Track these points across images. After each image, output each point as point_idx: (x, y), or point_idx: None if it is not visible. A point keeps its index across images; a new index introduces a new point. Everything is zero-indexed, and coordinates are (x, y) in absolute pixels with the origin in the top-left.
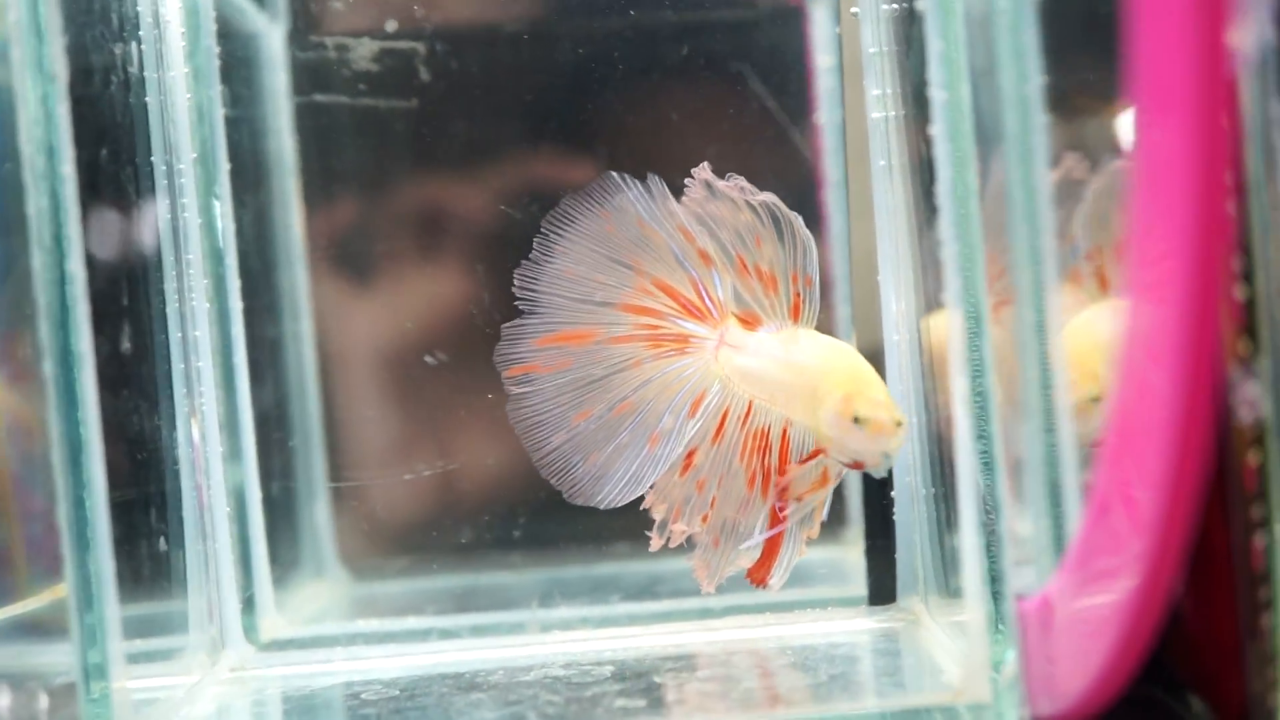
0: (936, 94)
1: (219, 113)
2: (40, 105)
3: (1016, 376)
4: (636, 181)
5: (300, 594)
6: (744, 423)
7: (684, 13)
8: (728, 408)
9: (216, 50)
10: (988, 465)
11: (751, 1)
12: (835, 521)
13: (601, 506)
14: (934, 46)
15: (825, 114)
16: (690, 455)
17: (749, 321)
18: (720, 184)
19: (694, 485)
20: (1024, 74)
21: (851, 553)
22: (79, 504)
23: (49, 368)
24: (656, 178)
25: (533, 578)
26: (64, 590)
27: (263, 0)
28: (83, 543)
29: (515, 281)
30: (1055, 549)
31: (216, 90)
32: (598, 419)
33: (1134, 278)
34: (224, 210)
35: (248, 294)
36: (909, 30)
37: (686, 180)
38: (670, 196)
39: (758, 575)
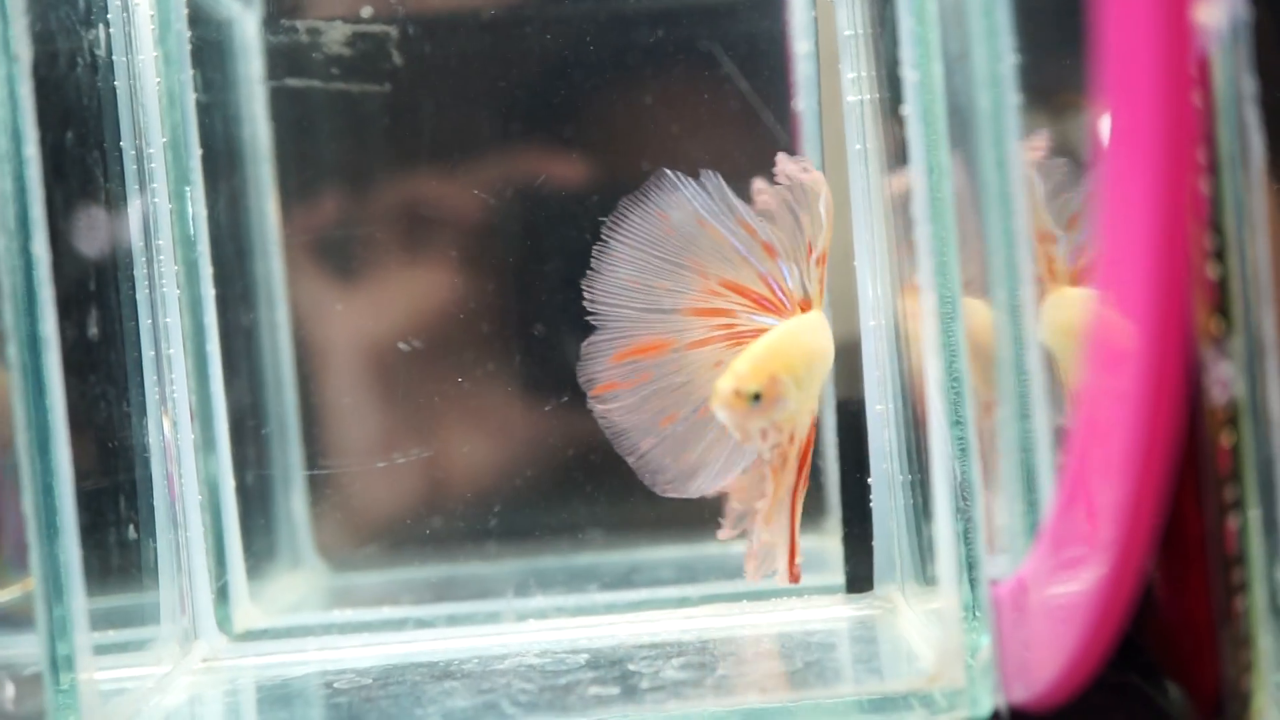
0: (909, 74)
1: (190, 98)
2: (3, 86)
3: (989, 361)
4: (691, 180)
5: (276, 585)
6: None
7: None
8: None
9: (188, 35)
10: (962, 451)
11: None
12: (813, 509)
13: (694, 496)
14: (906, 26)
15: (803, 101)
16: None
17: (805, 307)
18: (791, 169)
19: (762, 475)
20: (996, 53)
21: (829, 541)
22: (45, 492)
23: (13, 352)
24: (713, 174)
25: (510, 568)
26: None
27: None
28: (49, 532)
29: (585, 294)
30: (1029, 535)
31: (188, 75)
32: (684, 421)
33: (1102, 260)
34: (195, 196)
35: (221, 281)
36: (883, 11)
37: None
38: (728, 190)
39: (793, 572)
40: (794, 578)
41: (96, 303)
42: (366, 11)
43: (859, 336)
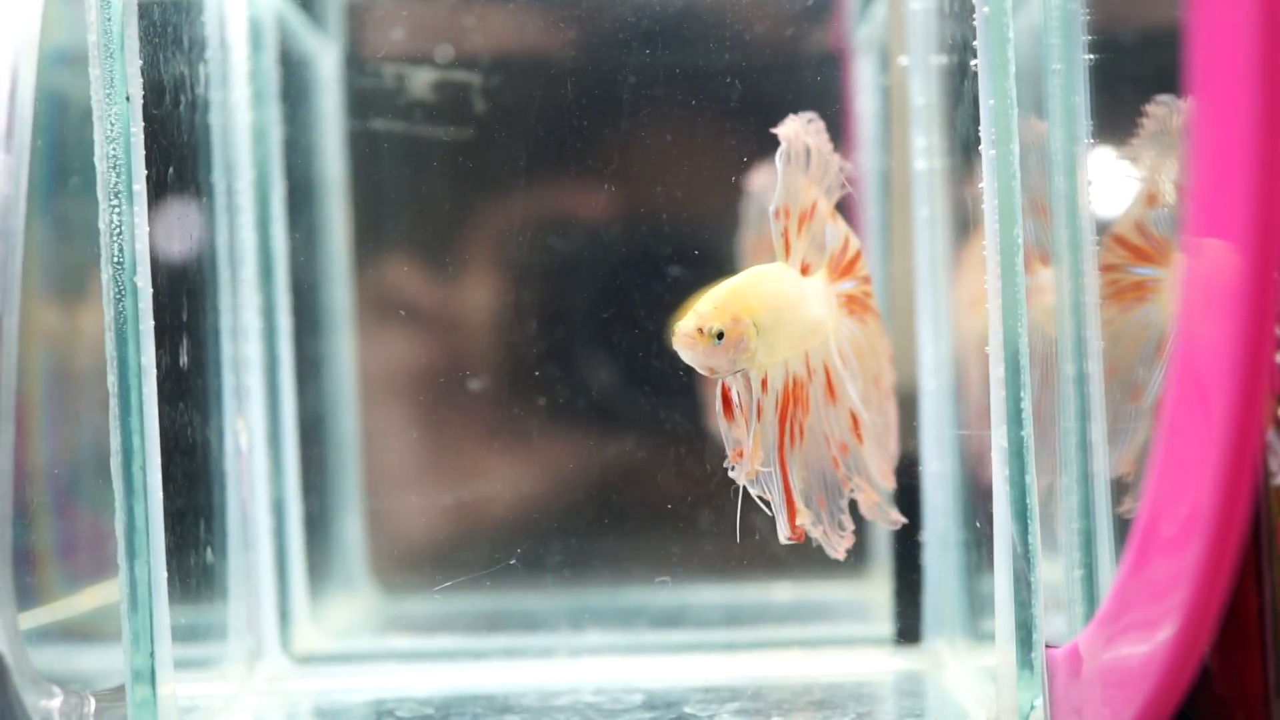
0: (987, 152)
1: (276, 134)
2: (116, 125)
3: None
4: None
5: (332, 607)
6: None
7: (728, 53)
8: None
9: (277, 73)
10: (1022, 515)
11: (793, 47)
12: (860, 558)
13: None
14: (986, 104)
15: (865, 159)
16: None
17: (806, 268)
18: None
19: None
20: (1073, 135)
21: (874, 590)
22: (136, 512)
23: (113, 380)
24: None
25: (558, 602)
26: (99, 595)
27: (318, 22)
28: (138, 550)
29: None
30: (1087, 597)
31: (275, 111)
32: None
33: (1183, 340)
34: (277, 230)
35: (296, 313)
36: (960, 85)
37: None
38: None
39: (795, 531)
40: (797, 537)
41: (188, 332)
42: (444, 55)
43: (917, 395)
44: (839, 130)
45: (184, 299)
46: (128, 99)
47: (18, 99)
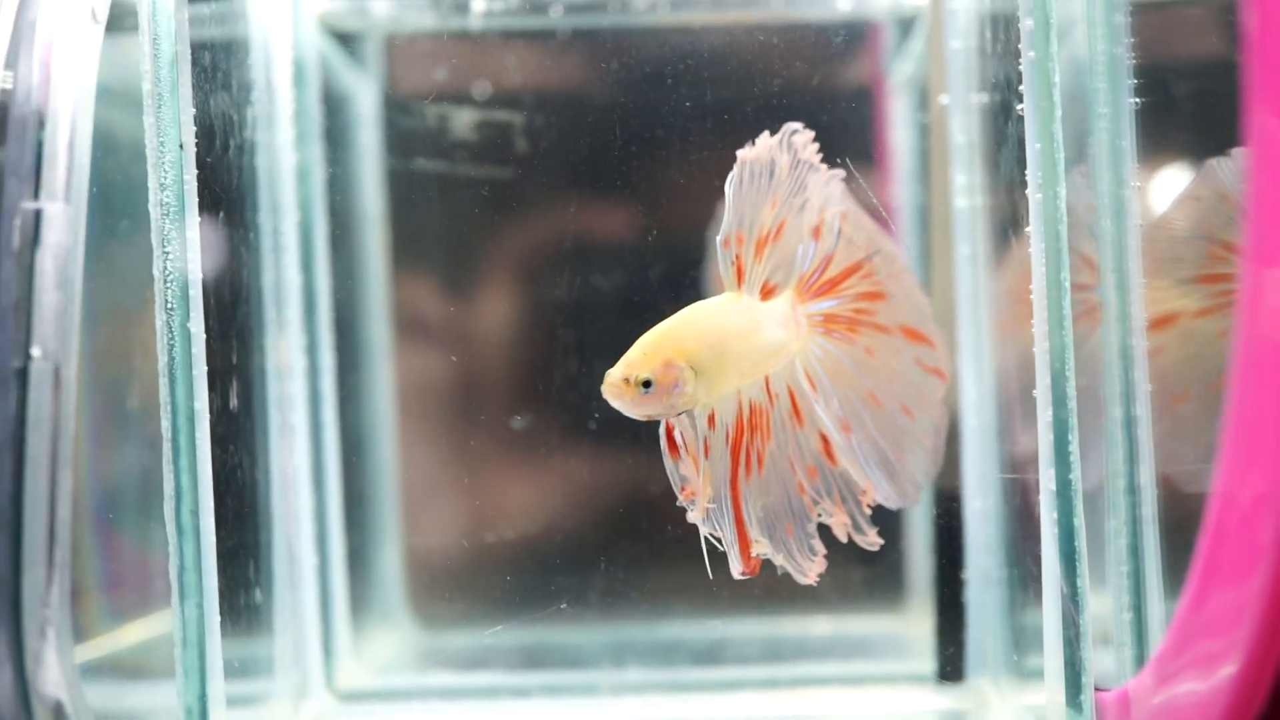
0: (1033, 195)
1: (319, 173)
2: (170, 172)
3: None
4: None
5: (372, 642)
6: None
7: (764, 89)
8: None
9: (320, 113)
10: (1070, 557)
11: (827, 82)
12: (899, 593)
13: None
14: (1032, 147)
15: (901, 194)
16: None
17: (767, 291)
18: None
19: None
20: (1120, 179)
21: (915, 627)
22: (189, 553)
23: (167, 424)
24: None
25: (596, 637)
26: (142, 630)
27: (357, 59)
28: (191, 590)
29: None
30: (1136, 640)
31: (317, 151)
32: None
33: (1241, 364)
34: (320, 269)
35: (339, 350)
36: (1003, 125)
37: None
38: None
39: (748, 565)
40: (751, 570)
41: (237, 374)
42: (482, 92)
43: (959, 432)
44: (872, 164)
45: (234, 341)
46: (181, 147)
47: (76, 148)
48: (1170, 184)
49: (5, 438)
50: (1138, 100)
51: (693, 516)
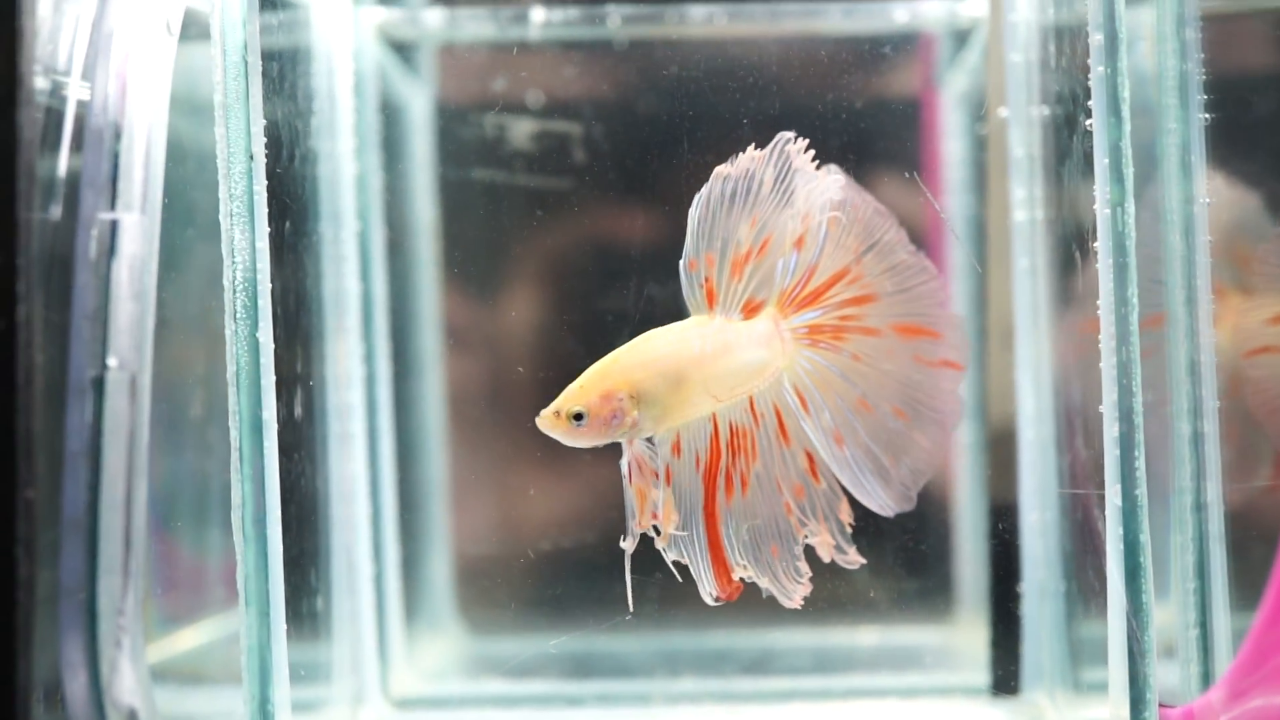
0: (1100, 210)
1: (376, 182)
2: (240, 183)
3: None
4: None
5: (422, 649)
6: None
7: (819, 99)
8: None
9: (376, 121)
10: (1135, 573)
11: (878, 93)
12: (952, 606)
13: None
14: (1100, 163)
15: (955, 204)
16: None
17: (751, 309)
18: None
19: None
20: (1189, 195)
21: (961, 638)
22: (257, 561)
23: (235, 433)
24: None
25: (654, 646)
26: (197, 635)
27: (411, 68)
28: (258, 597)
29: None
30: (1203, 657)
31: (375, 160)
32: None
33: None
34: (379, 276)
35: (395, 358)
36: (1067, 139)
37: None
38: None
39: (725, 590)
40: (728, 596)
41: (301, 383)
42: (536, 101)
43: (1016, 445)
44: (922, 175)
45: (297, 349)
46: (251, 157)
47: (151, 159)
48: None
49: (82, 446)
50: (1207, 116)
51: (658, 541)
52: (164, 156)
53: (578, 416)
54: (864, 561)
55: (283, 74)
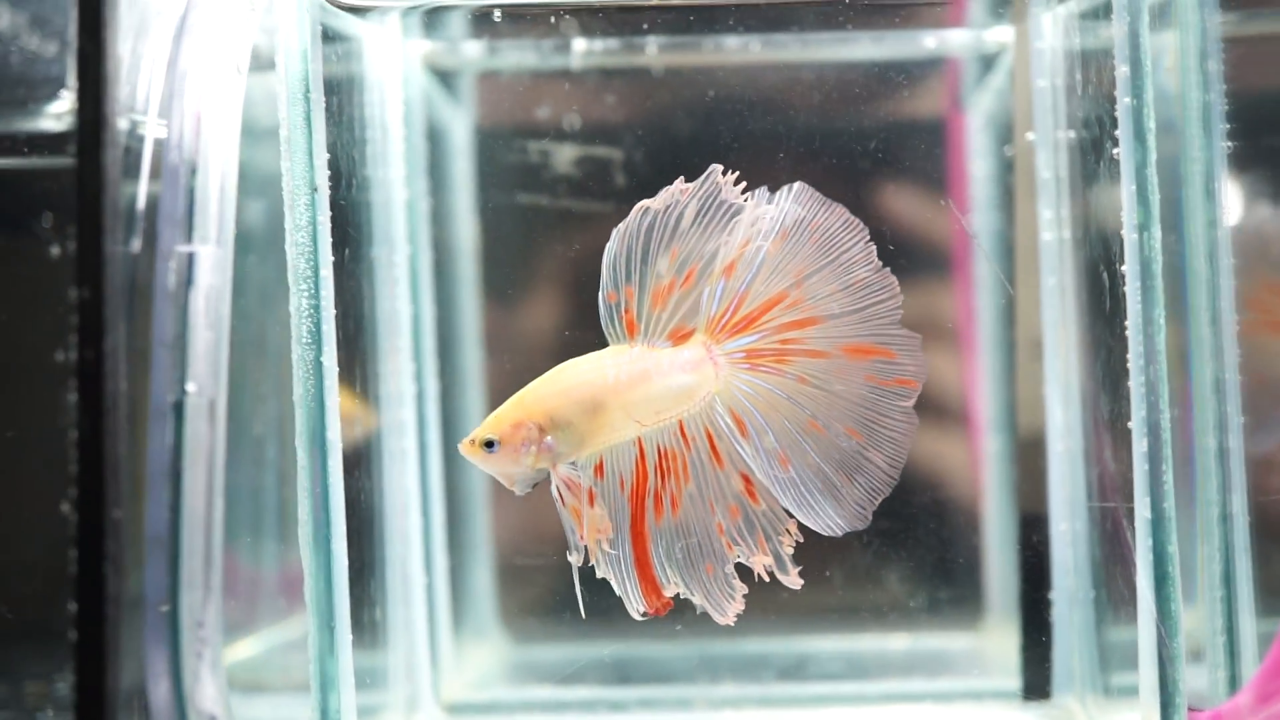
0: (1128, 235)
1: (423, 206)
2: (305, 214)
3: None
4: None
5: (466, 656)
6: None
7: (849, 120)
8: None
9: (424, 147)
10: (1164, 583)
11: (904, 113)
12: (974, 610)
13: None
14: (1127, 189)
15: (981, 222)
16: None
17: (678, 336)
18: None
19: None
20: (1214, 220)
21: (991, 643)
22: (323, 576)
23: (302, 453)
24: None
25: (691, 651)
26: (253, 645)
27: (453, 93)
28: (325, 609)
29: None
30: (1229, 663)
31: (422, 185)
32: None
33: None
34: (425, 299)
35: (442, 375)
36: (1094, 163)
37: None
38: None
39: (652, 606)
40: (656, 611)
41: (362, 404)
42: (572, 124)
43: (1045, 457)
44: (948, 195)
45: (356, 370)
46: (315, 189)
47: (225, 193)
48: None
49: (164, 468)
50: (1230, 144)
51: (597, 558)
52: (235, 191)
53: (489, 444)
54: (802, 583)
55: (340, 105)
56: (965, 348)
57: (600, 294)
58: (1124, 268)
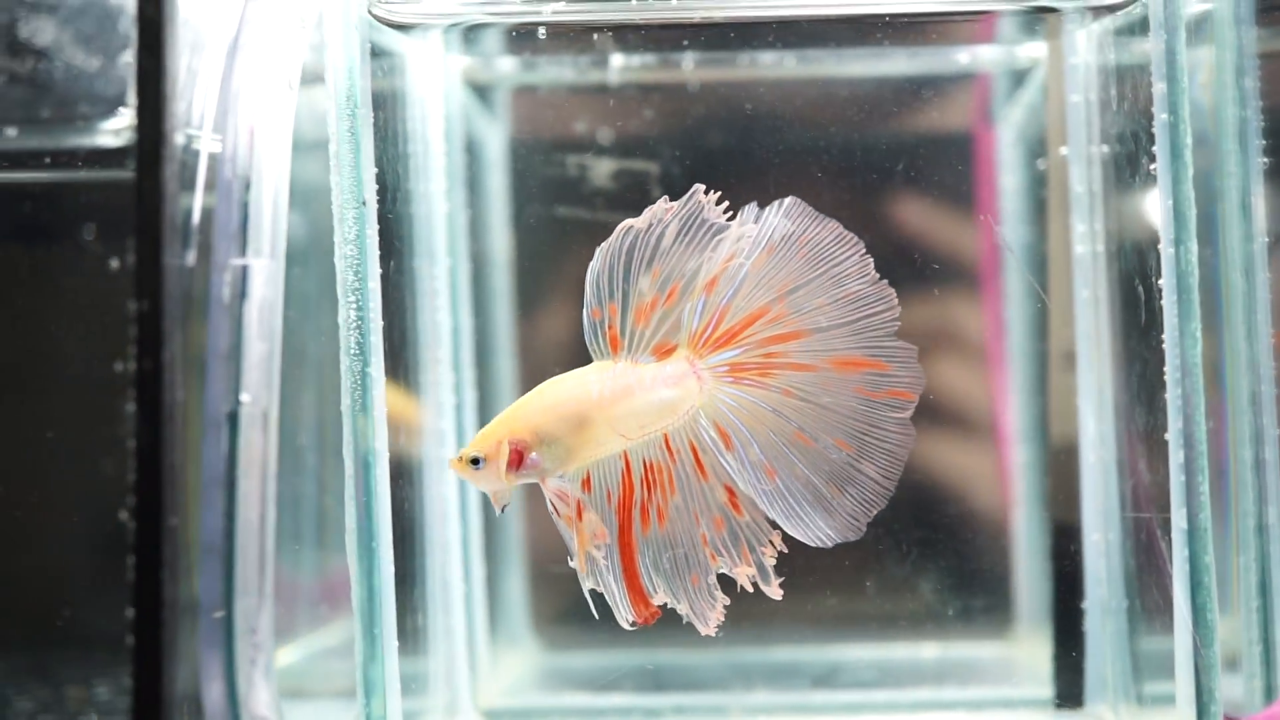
0: (1165, 249)
1: (462, 220)
2: (353, 228)
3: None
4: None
5: (502, 663)
6: None
7: (880, 132)
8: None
9: (462, 160)
10: (1201, 594)
11: (933, 127)
12: (1004, 619)
13: None
14: (1164, 203)
15: (1013, 234)
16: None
17: (662, 351)
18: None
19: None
20: (1249, 234)
21: (1021, 652)
22: (370, 583)
23: (350, 463)
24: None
25: (722, 659)
26: (290, 654)
27: (488, 106)
28: (372, 616)
29: None
30: (1265, 672)
31: (461, 197)
32: None
33: None
34: (463, 310)
35: (480, 385)
36: (1129, 177)
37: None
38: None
39: (640, 615)
40: (644, 620)
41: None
42: (606, 137)
43: (1079, 468)
44: (978, 207)
45: (400, 381)
46: (363, 204)
47: (278, 207)
48: None
49: (218, 476)
50: (1267, 160)
51: (572, 564)
52: (287, 204)
53: (475, 461)
54: (781, 594)
55: (385, 120)
56: (995, 360)
57: (584, 311)
58: (1160, 281)
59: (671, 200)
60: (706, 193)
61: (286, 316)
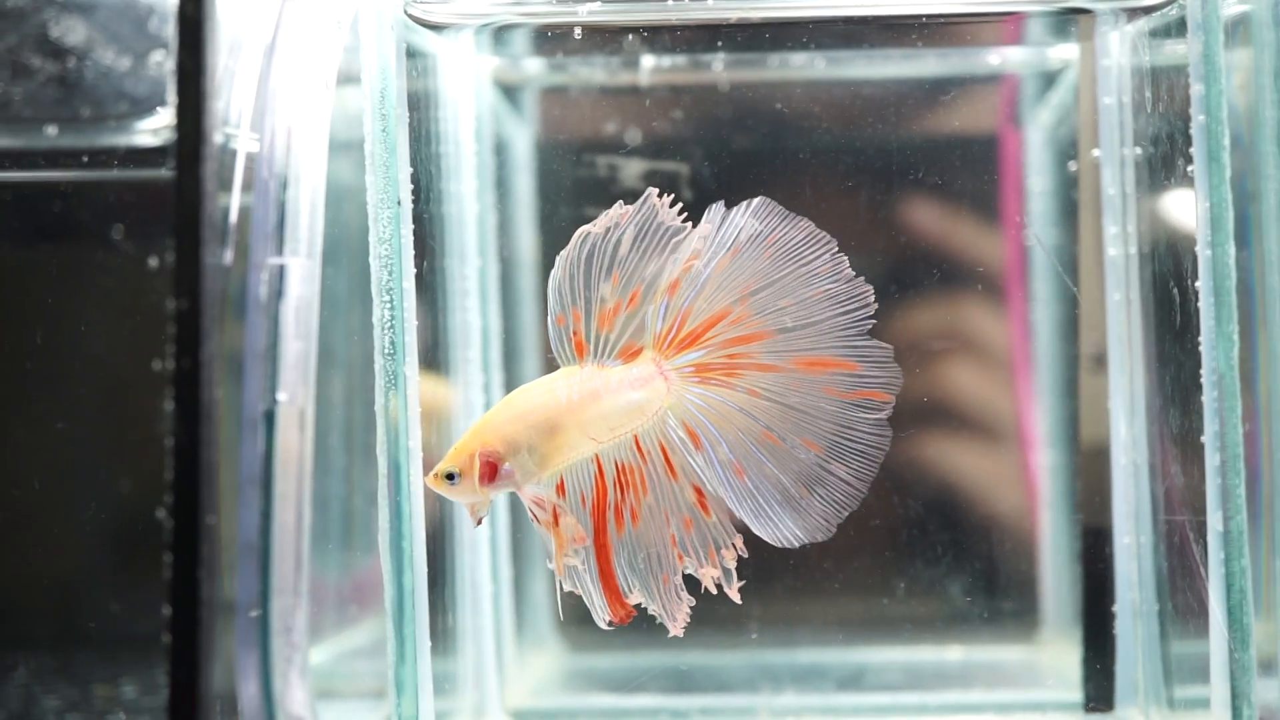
0: (1202, 251)
1: (491, 220)
2: (388, 227)
3: None
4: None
5: (527, 664)
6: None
7: (906, 134)
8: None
9: (492, 161)
10: (1236, 596)
11: (960, 128)
12: (1031, 622)
13: None
14: (1201, 205)
15: (1042, 235)
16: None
17: (629, 354)
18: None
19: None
20: None
21: (1048, 655)
22: (403, 583)
23: (383, 461)
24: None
25: (749, 661)
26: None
27: (515, 107)
28: (405, 615)
29: None
30: None
31: (490, 198)
32: None
33: None
34: (492, 310)
35: (506, 388)
36: (1164, 181)
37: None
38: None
39: (616, 614)
40: (620, 620)
41: (436, 413)
42: (633, 138)
43: (1109, 471)
44: (1003, 207)
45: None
46: (399, 204)
47: (315, 206)
48: None
49: (255, 475)
50: None
51: (550, 566)
52: (324, 203)
53: (450, 476)
54: (740, 601)
55: (419, 121)
56: (1022, 363)
57: (549, 318)
58: (1196, 283)
59: (626, 204)
60: (660, 196)
61: (330, 314)
